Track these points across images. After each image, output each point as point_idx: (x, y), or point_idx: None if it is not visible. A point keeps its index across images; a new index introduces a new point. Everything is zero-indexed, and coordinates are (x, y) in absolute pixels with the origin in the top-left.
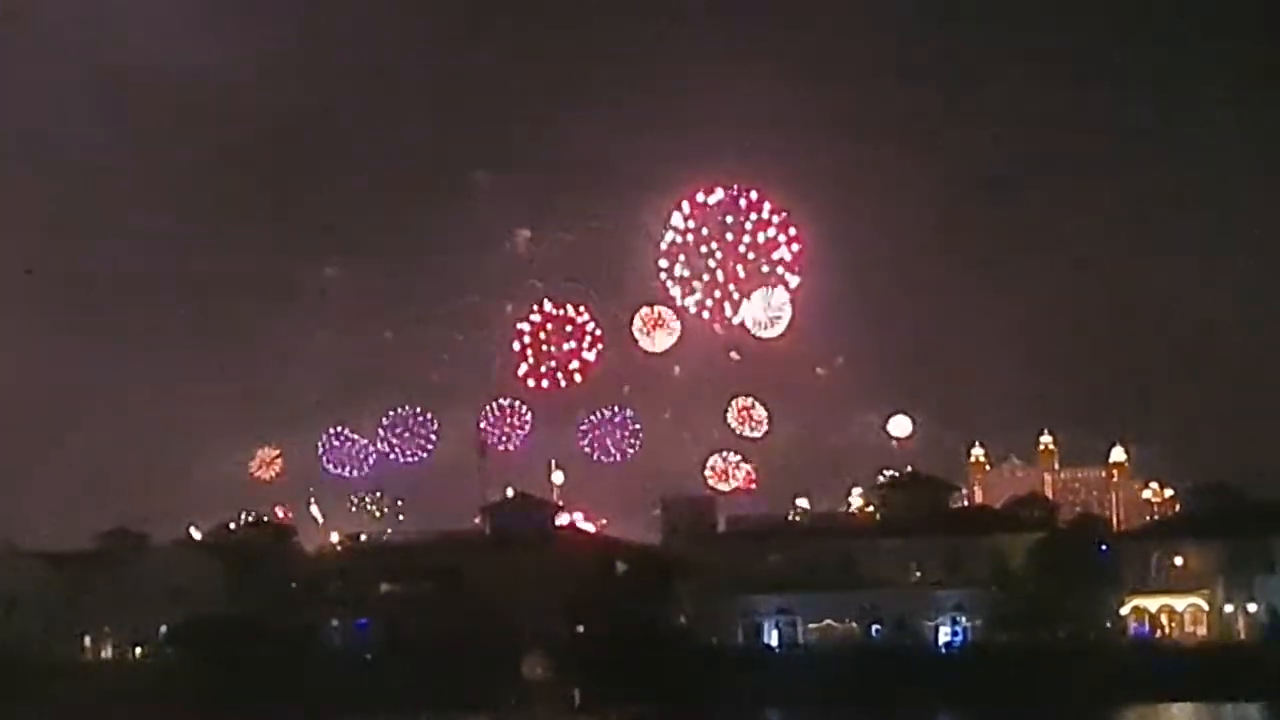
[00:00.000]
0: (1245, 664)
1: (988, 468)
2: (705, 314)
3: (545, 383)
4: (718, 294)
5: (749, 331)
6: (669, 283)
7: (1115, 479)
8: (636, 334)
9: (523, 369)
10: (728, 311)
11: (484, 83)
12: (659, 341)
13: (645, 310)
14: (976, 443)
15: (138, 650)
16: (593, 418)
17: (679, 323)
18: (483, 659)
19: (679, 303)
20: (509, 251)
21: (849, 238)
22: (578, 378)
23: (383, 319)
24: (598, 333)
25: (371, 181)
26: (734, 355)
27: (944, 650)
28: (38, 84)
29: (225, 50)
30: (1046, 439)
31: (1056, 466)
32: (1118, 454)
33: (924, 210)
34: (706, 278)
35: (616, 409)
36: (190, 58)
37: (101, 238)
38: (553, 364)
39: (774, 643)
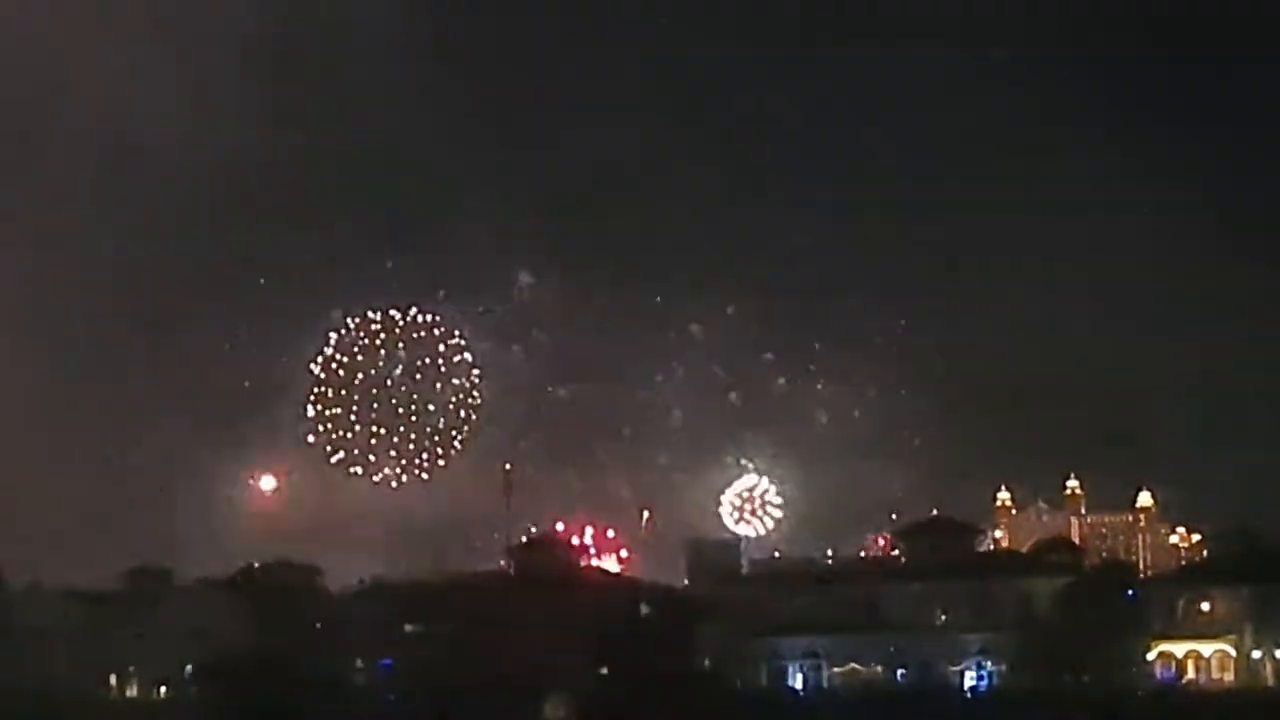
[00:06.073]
0: (1272, 710)
1: (1014, 511)
2: None
3: None
4: None
5: None
6: None
7: (1142, 523)
8: None
9: None
10: None
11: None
12: None
13: None
14: (1003, 486)
15: (162, 689)
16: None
17: None
18: (506, 701)
19: None
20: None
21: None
22: None
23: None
24: None
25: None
26: (733, 397)
27: (969, 694)
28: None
29: (219, 102)
30: (1073, 483)
31: (1083, 510)
32: (1145, 498)
33: (948, 251)
34: None
35: None
36: (185, 109)
37: (112, 273)
38: None
39: (799, 686)
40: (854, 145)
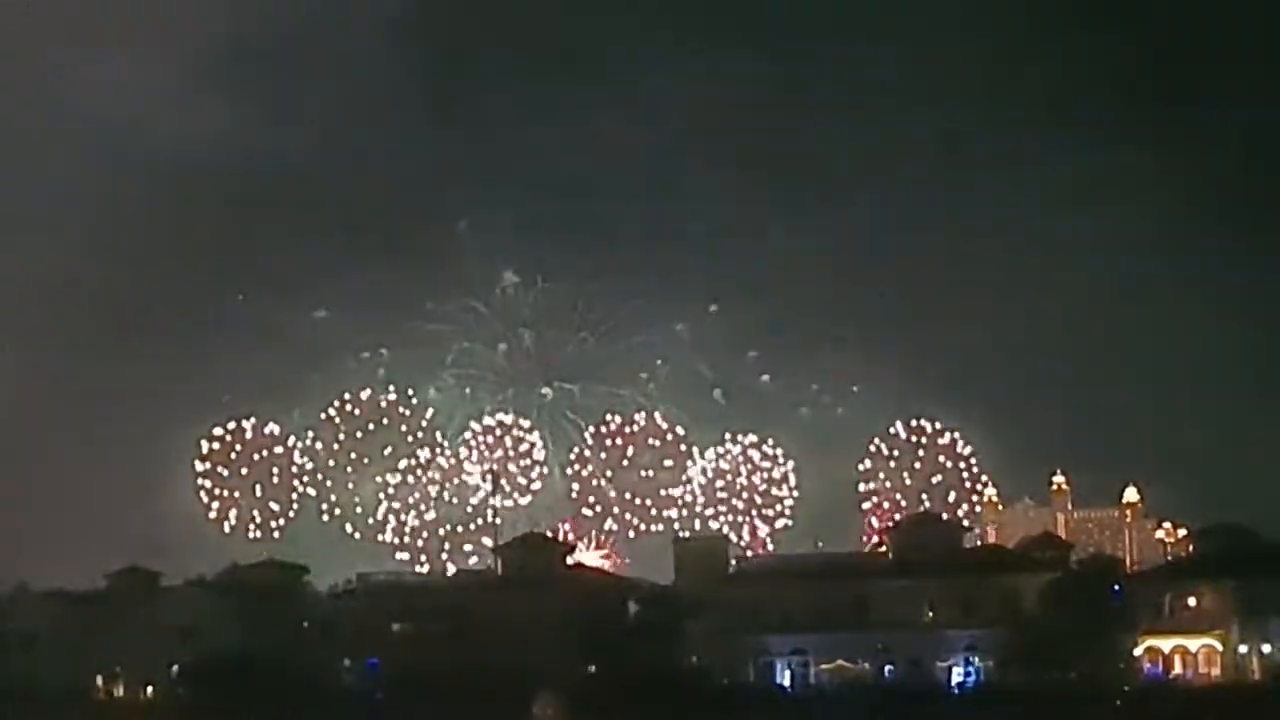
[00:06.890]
0: (1259, 705)
1: (1000, 508)
2: None
3: None
4: None
5: None
6: None
7: (1128, 519)
8: None
9: None
10: None
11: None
12: None
13: None
14: (989, 482)
15: (149, 689)
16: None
17: None
18: (493, 699)
19: None
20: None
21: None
22: None
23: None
24: None
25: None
26: (718, 395)
27: (957, 691)
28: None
29: (204, 108)
30: (1059, 479)
31: (1070, 506)
32: (1131, 494)
33: (935, 249)
34: None
35: None
36: (168, 116)
37: (98, 276)
38: None
39: (786, 683)
40: (840, 143)
